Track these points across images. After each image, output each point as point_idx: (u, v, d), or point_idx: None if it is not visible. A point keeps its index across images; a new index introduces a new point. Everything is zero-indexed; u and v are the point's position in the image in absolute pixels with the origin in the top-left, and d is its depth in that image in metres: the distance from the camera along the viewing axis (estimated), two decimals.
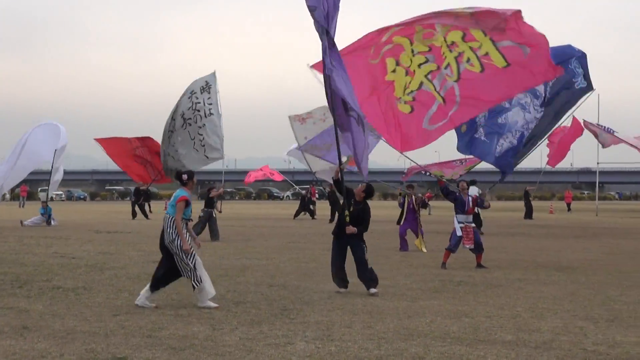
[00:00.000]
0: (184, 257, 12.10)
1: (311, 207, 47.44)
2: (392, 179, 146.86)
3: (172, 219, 12.22)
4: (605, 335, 10.18)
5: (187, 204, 12.28)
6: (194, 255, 12.20)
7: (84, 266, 17.82)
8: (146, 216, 44.85)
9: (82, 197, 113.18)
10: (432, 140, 18.92)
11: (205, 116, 27.45)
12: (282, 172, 66.80)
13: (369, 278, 13.96)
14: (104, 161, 35.37)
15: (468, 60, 16.75)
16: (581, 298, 13.58)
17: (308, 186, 51.94)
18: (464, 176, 29.47)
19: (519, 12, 16.49)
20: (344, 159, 15.10)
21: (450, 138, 20.66)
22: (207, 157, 27.57)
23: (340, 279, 14.15)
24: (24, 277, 15.65)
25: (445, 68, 17.03)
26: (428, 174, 27.82)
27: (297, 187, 60.43)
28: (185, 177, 12.60)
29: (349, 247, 14.11)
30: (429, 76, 17.28)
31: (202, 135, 27.50)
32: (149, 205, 48.41)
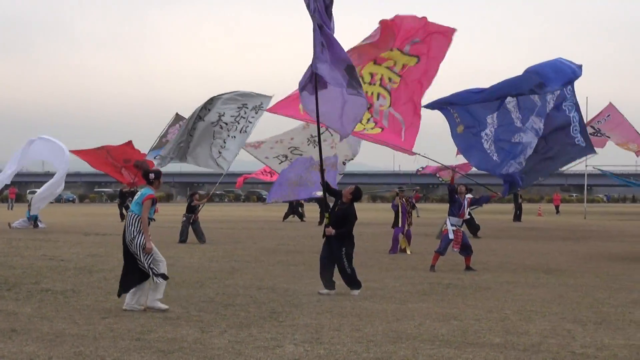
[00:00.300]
0: (142, 256, 11.99)
1: (300, 209, 47.39)
2: (383, 181, 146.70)
3: (137, 217, 12.12)
4: (593, 338, 10.22)
5: (153, 202, 12.20)
6: (152, 256, 12.04)
7: (73, 269, 17.78)
8: (122, 218, 44.94)
9: (70, 199, 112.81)
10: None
11: (240, 132, 27.63)
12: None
13: (348, 281, 14.09)
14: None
15: (390, 79, 17.49)
16: (569, 301, 13.63)
17: None
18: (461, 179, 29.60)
19: (393, 18, 17.43)
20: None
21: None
22: (216, 164, 27.69)
23: (326, 279, 14.21)
24: (13, 280, 15.61)
25: (378, 99, 17.61)
26: (439, 178, 28.29)
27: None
28: (152, 176, 12.44)
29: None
30: (371, 119, 17.86)
31: (226, 144, 27.59)
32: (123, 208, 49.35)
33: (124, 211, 45.44)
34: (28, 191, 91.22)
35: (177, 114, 33.78)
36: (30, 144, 36.00)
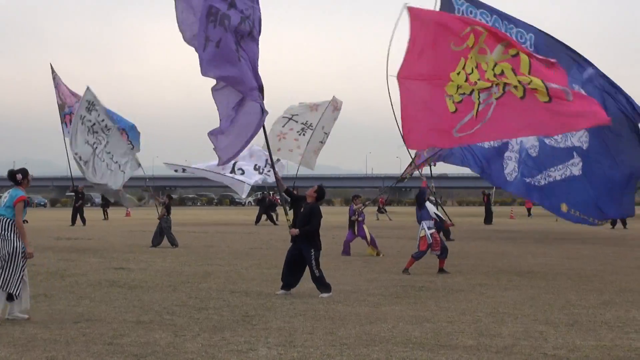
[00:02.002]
0: (20, 264, 11.31)
1: (272, 213, 47.32)
2: (356, 185, 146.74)
3: (10, 221, 11.37)
4: (565, 340, 10.28)
5: (26, 204, 11.60)
6: (26, 266, 11.47)
7: (44, 273, 17.67)
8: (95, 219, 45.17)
9: (42, 203, 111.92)
10: (449, 147, 19.60)
11: (104, 132, 27.69)
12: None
13: (318, 283, 14.19)
14: (64, 167, 34.93)
15: (515, 87, 16.91)
16: (541, 303, 13.70)
17: (265, 192, 51.78)
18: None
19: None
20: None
21: None
22: (124, 172, 27.95)
23: (286, 280, 14.52)
24: None
25: (495, 86, 17.11)
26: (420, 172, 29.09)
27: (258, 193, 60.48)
28: (19, 176, 11.72)
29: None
30: (480, 92, 17.41)
31: (110, 153, 27.76)
32: (105, 212, 51.77)
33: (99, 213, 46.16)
34: None
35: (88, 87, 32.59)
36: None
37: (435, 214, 18.68)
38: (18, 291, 11.34)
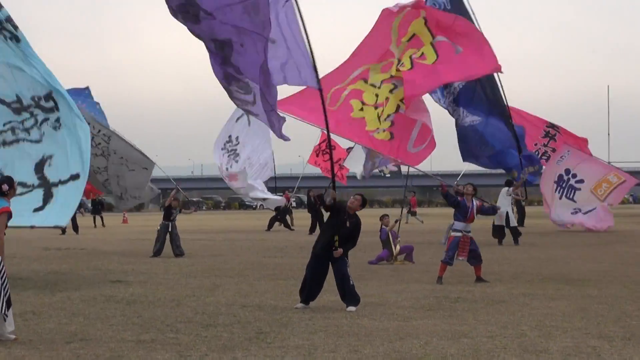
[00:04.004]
0: (3, 280, 11.23)
1: (287, 216, 47.19)
2: (379, 184, 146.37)
3: None
4: (622, 355, 10.22)
5: (10, 216, 11.51)
6: (7, 280, 11.39)
7: (33, 288, 17.72)
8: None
9: None
10: (419, 162, 22.10)
11: (107, 142, 28.19)
12: None
13: (349, 294, 14.15)
14: None
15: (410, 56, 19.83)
16: (593, 314, 13.64)
17: (281, 193, 51.81)
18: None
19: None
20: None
21: None
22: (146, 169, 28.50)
23: (308, 294, 14.53)
24: None
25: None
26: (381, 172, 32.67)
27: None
28: (5, 186, 11.61)
29: (330, 263, 14.35)
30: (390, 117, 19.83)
31: (123, 159, 28.26)
32: (102, 218, 53.52)
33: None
34: None
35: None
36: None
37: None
38: (4, 309, 11.29)
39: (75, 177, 16.78)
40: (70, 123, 17.05)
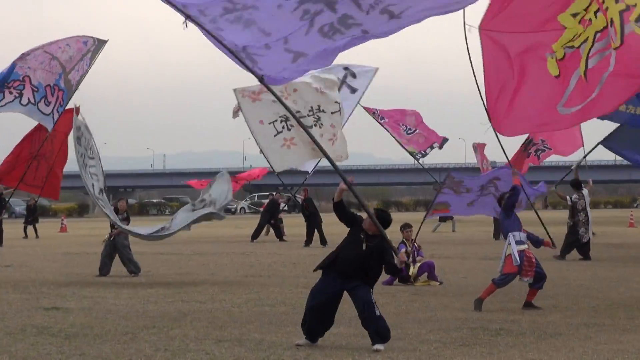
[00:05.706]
0: None
1: (278, 224, 47.18)
2: (400, 179, 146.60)
3: None
4: None
5: None
6: None
7: None
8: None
9: None
10: (553, 130, 20.35)
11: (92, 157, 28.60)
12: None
13: (375, 329, 13.97)
14: None
15: (637, 20, 16.67)
16: None
17: (274, 193, 51.85)
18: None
19: None
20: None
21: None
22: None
23: (315, 330, 14.22)
24: None
25: (611, 25, 16.90)
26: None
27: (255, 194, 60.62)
28: None
29: (345, 290, 14.16)
30: (597, 35, 17.30)
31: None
32: (34, 226, 54.35)
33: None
34: None
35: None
36: None
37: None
38: None
39: None
40: None
